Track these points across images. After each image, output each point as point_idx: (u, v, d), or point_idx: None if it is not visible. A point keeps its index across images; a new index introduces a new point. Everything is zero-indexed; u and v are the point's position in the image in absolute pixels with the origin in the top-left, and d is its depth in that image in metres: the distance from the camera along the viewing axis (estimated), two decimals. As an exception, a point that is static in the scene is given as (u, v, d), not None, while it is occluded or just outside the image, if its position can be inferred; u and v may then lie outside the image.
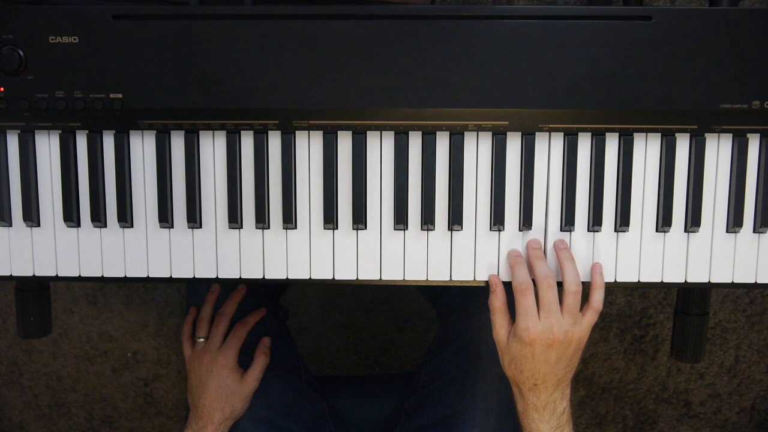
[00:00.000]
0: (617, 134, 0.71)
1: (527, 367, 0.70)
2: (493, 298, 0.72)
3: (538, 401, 0.71)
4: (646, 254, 0.73)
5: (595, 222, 0.72)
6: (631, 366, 1.40)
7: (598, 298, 0.71)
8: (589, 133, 0.71)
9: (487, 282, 0.73)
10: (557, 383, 0.71)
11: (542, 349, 0.69)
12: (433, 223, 0.72)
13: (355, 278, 0.74)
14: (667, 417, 1.43)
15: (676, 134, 0.71)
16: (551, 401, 0.71)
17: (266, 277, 0.74)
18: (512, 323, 0.72)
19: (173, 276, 0.74)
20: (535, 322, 0.69)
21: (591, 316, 0.71)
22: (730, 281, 0.74)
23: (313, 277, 0.74)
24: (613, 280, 0.74)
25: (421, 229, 0.73)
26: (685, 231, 0.73)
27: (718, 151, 0.72)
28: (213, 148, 0.72)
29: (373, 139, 0.72)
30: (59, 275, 0.74)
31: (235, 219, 0.72)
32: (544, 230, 0.73)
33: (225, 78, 0.69)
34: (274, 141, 0.72)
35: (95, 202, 0.72)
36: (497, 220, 0.72)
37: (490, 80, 0.69)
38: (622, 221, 0.72)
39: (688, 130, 0.71)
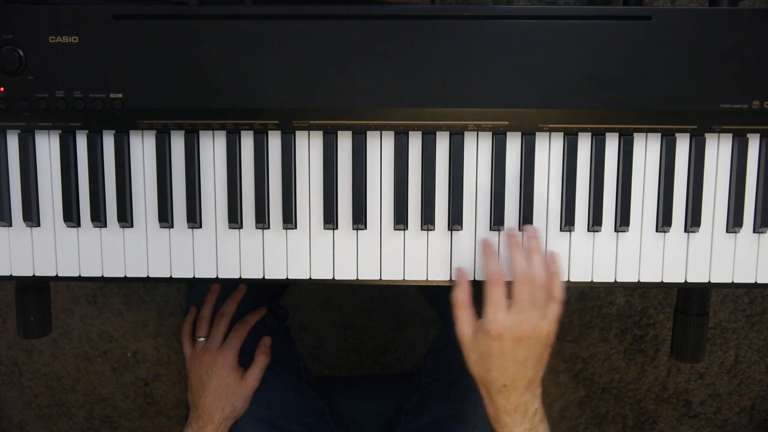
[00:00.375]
0: (617, 134, 0.71)
1: (495, 364, 0.67)
2: (458, 291, 0.70)
3: (508, 403, 0.69)
4: (646, 254, 0.73)
5: (595, 222, 0.72)
6: (631, 366, 1.40)
7: (556, 288, 0.68)
8: (589, 133, 0.71)
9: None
10: (527, 384, 0.68)
11: (511, 344, 0.66)
12: (433, 223, 0.72)
13: (355, 278, 0.74)
14: (667, 417, 1.43)
15: (676, 134, 0.71)
16: (522, 403, 0.69)
17: (266, 277, 0.74)
18: (477, 319, 0.69)
19: (173, 276, 0.74)
20: (504, 314, 0.67)
21: (554, 308, 0.68)
22: (730, 281, 0.74)
23: (313, 277, 0.74)
24: (613, 280, 0.74)
25: (421, 229, 0.73)
26: (685, 231, 0.73)
27: (718, 151, 0.72)
28: (213, 148, 0.72)
29: (373, 139, 0.72)
30: (59, 275, 0.74)
31: (235, 219, 0.72)
32: (545, 230, 0.73)
33: (225, 78, 0.69)
34: (274, 141, 0.72)
35: (95, 202, 0.72)
36: (497, 220, 0.72)
37: (490, 80, 0.69)
38: (622, 221, 0.72)
39: (688, 130, 0.71)
